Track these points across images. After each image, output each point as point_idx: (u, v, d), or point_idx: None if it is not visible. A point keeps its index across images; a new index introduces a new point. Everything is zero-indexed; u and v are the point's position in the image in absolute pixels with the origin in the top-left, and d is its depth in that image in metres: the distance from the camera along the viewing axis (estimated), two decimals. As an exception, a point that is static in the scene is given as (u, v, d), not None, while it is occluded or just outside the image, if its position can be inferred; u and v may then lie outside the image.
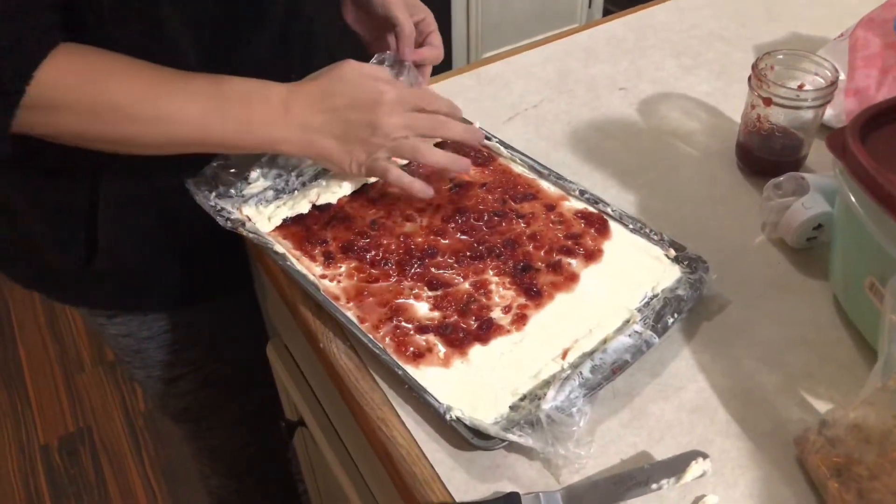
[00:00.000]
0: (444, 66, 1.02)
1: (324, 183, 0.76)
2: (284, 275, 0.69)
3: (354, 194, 0.76)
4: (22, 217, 0.77)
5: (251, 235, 0.70)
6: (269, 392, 1.02)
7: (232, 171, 0.75)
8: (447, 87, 0.96)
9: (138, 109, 0.63)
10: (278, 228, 0.72)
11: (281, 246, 0.70)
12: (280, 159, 0.77)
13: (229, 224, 0.70)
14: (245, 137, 0.67)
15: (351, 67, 0.70)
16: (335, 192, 0.75)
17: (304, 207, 0.73)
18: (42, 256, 0.79)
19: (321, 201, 0.74)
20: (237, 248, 0.85)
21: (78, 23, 0.62)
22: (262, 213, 0.73)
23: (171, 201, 0.75)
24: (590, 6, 2.53)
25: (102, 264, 0.79)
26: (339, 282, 0.67)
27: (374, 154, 0.69)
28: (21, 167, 0.72)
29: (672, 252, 0.69)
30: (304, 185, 0.76)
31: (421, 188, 0.71)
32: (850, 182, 0.58)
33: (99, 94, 0.61)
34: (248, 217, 0.72)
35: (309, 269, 0.68)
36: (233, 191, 0.74)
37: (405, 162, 0.77)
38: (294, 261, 0.69)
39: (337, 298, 0.66)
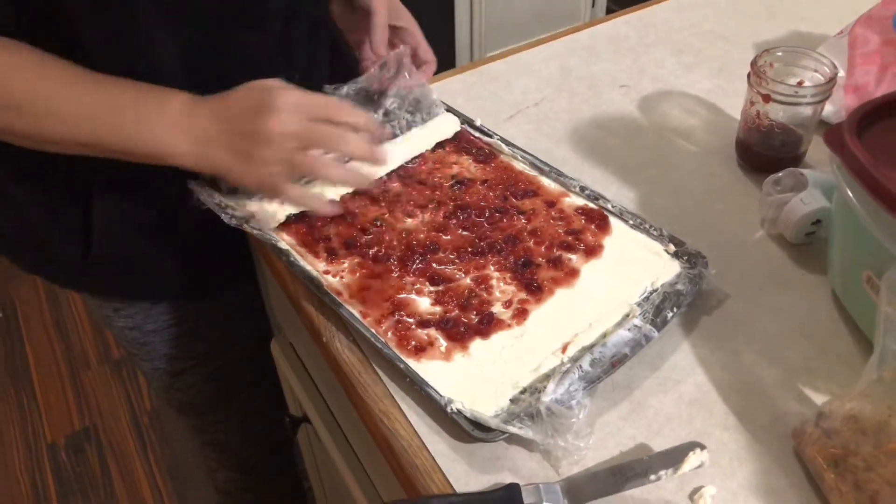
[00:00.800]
0: (447, 65, 1.02)
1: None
2: (288, 271, 0.70)
3: (357, 191, 0.76)
4: (22, 205, 0.78)
5: (255, 232, 0.71)
6: (274, 386, 1.03)
7: None
8: (449, 86, 0.96)
9: (34, 106, 0.62)
10: (282, 225, 0.73)
11: (284, 242, 0.71)
12: None
13: (234, 221, 0.71)
14: (134, 146, 0.65)
15: (260, 81, 0.66)
16: (338, 189, 0.76)
17: None
18: (43, 243, 0.80)
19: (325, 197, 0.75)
20: (241, 242, 0.86)
21: (46, 19, 0.63)
22: (266, 209, 0.74)
23: (169, 196, 0.76)
24: (593, 5, 2.53)
25: (100, 253, 0.80)
26: (341, 277, 0.68)
27: (269, 169, 0.65)
28: (19, 158, 0.72)
29: (672, 247, 0.70)
30: (308, 182, 0.76)
31: (321, 206, 0.70)
32: (847, 177, 0.59)
33: None
34: (252, 214, 0.73)
35: (312, 265, 0.69)
36: (237, 189, 0.75)
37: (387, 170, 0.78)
38: (297, 257, 0.69)
39: (340, 294, 0.66)
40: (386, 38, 0.82)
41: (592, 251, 0.70)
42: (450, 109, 0.87)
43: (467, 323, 0.64)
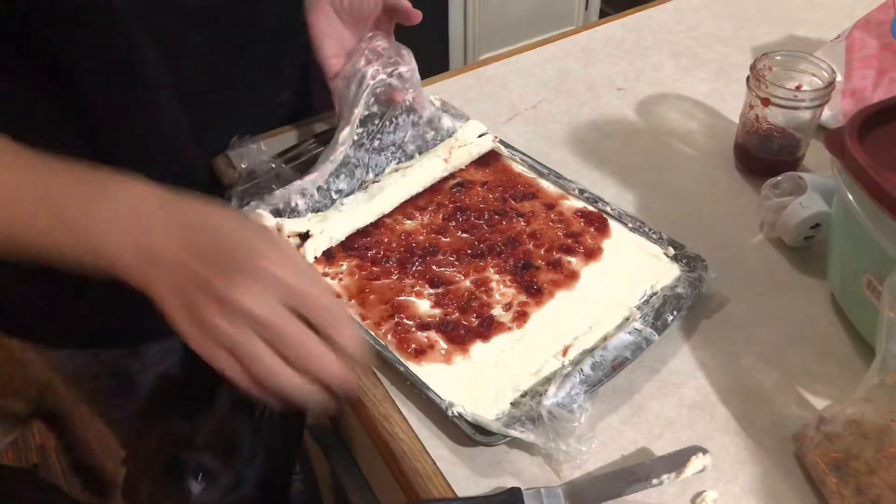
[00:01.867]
0: (440, 68, 1.02)
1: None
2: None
3: (356, 192, 0.76)
4: None
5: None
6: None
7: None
8: (447, 88, 0.96)
9: None
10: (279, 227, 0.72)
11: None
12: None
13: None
14: (64, 240, 0.49)
15: (247, 225, 0.53)
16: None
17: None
18: None
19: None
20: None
21: (39, 53, 0.58)
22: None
23: None
24: (586, 8, 2.54)
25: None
26: (340, 279, 0.68)
27: (209, 341, 0.47)
28: None
29: (671, 250, 0.70)
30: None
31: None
32: (848, 181, 0.59)
33: None
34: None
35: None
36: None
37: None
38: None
39: (339, 296, 0.66)
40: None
41: (592, 254, 0.70)
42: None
43: (467, 326, 0.64)
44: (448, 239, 0.71)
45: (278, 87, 0.74)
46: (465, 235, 0.72)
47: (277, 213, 0.71)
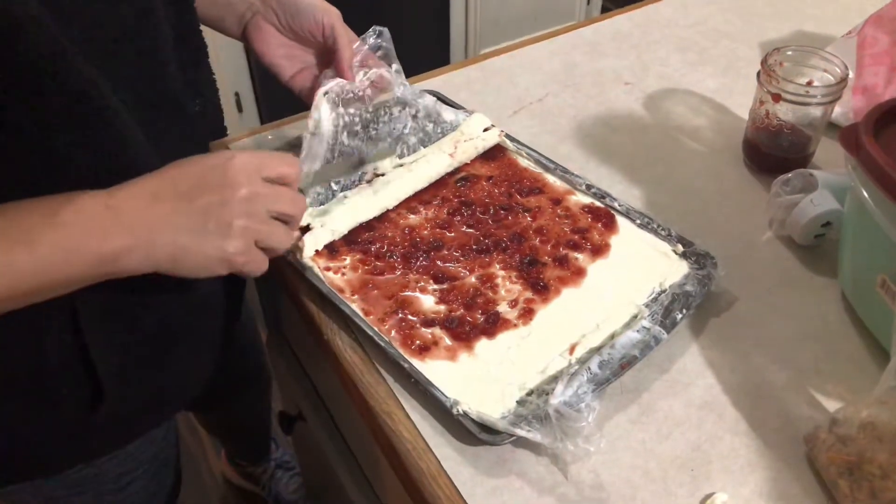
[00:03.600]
0: (440, 62, 1.01)
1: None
2: (289, 267, 0.68)
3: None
4: None
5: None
6: None
7: None
8: (452, 80, 0.95)
9: None
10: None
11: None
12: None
13: None
14: (70, 264, 0.49)
15: (198, 156, 0.55)
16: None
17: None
18: None
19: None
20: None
21: None
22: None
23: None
24: (588, 3, 2.52)
25: None
26: (343, 274, 0.67)
27: (233, 241, 0.53)
28: None
29: (680, 247, 0.68)
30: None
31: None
32: (863, 178, 0.57)
33: None
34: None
35: (313, 260, 0.67)
36: None
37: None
38: (298, 253, 0.68)
39: (342, 291, 0.65)
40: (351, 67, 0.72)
41: (599, 250, 0.69)
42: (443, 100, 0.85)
43: (472, 322, 0.63)
44: (453, 234, 0.70)
45: (194, 96, 0.69)
46: (470, 230, 0.71)
47: None
